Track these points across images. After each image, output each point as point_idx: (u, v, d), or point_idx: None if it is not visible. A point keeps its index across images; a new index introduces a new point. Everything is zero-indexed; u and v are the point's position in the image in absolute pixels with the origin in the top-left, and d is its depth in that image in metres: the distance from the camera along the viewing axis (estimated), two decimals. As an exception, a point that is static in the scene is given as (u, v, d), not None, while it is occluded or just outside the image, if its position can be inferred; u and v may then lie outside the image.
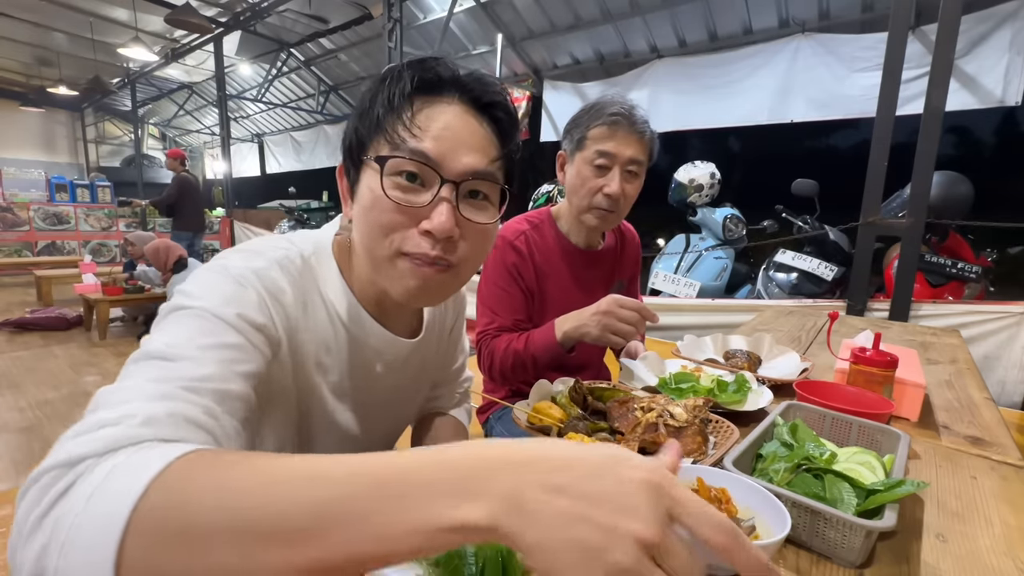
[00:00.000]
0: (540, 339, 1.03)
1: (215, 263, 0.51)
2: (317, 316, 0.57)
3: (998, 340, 2.18)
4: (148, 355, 0.40)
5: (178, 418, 0.36)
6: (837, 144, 5.64)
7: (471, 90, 0.54)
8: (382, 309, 0.62)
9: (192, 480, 0.29)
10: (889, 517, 0.51)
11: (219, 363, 0.42)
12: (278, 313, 0.51)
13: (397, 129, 0.51)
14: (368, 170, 0.53)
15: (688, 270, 3.59)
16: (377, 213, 0.51)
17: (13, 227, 7.42)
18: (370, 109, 0.52)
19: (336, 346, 0.59)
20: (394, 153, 0.50)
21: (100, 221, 8.19)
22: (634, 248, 1.34)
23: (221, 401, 0.40)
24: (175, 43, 7.07)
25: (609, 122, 1.05)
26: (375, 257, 0.54)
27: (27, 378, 3.22)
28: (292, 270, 0.55)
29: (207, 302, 0.45)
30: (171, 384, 0.38)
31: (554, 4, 4.98)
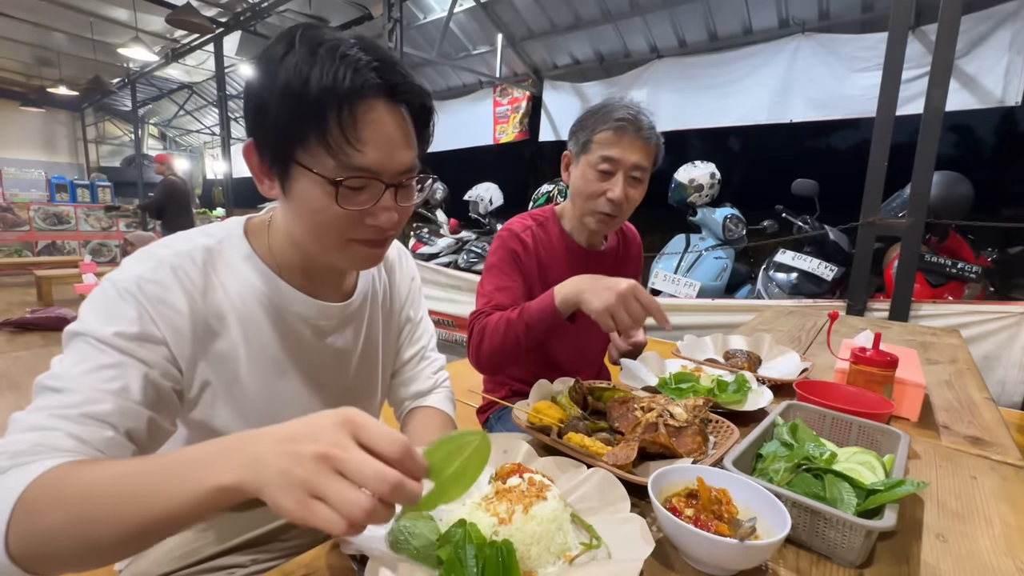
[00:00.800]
0: (535, 305, 0.96)
1: (109, 275, 0.57)
2: (223, 298, 0.61)
3: (998, 340, 2.18)
4: (42, 386, 0.50)
5: (40, 447, 0.46)
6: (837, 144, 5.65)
7: (397, 91, 0.55)
8: (307, 279, 0.67)
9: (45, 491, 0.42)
10: (889, 517, 0.51)
11: (89, 388, 0.50)
12: (160, 314, 0.56)
13: (339, 144, 0.52)
14: (302, 174, 0.54)
15: (688, 270, 3.59)
16: (326, 216, 0.56)
17: (13, 227, 7.42)
18: (301, 95, 0.51)
19: (255, 317, 0.63)
20: (343, 172, 0.53)
21: (100, 221, 8.19)
22: (636, 248, 1.34)
23: (87, 421, 0.49)
24: (175, 43, 7.07)
25: (615, 127, 1.04)
26: (325, 244, 0.60)
27: (27, 378, 3.22)
28: (185, 265, 0.59)
29: (89, 326, 0.53)
30: (44, 413, 0.48)
31: (554, 4, 4.98)
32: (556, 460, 0.65)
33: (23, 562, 0.41)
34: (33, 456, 0.45)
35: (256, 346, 0.64)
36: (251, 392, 0.64)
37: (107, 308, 0.54)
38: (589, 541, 0.51)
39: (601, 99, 1.13)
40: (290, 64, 0.51)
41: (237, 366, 0.63)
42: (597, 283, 0.88)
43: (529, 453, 0.67)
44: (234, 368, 0.63)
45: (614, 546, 0.50)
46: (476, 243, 4.69)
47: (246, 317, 0.63)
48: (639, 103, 1.09)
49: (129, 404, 0.52)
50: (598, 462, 0.66)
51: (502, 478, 0.58)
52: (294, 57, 0.51)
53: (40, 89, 9.13)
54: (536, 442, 0.75)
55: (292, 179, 0.56)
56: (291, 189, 0.56)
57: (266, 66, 0.53)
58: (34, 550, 0.41)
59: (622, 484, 0.58)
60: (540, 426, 0.76)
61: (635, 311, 0.83)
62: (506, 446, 0.69)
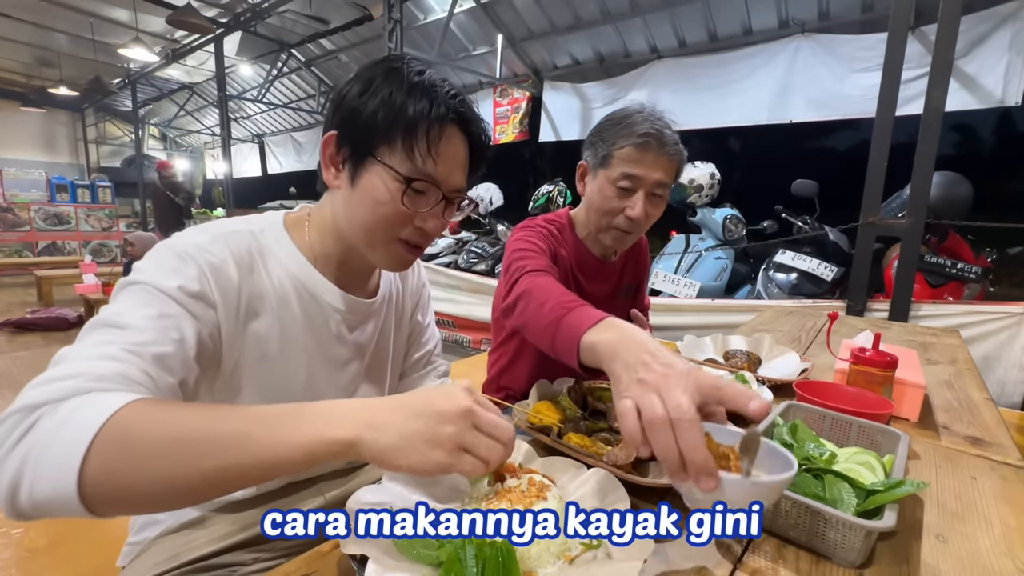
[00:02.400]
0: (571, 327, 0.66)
1: (167, 241, 0.60)
2: (265, 279, 0.65)
3: (998, 340, 2.18)
4: (102, 322, 0.49)
5: (121, 376, 0.45)
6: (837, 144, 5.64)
7: (470, 125, 0.67)
8: (340, 274, 0.72)
9: (141, 415, 0.41)
10: (889, 517, 0.51)
11: (157, 331, 0.51)
12: (215, 281, 0.59)
13: (420, 151, 0.62)
14: (379, 169, 0.63)
15: (688, 270, 3.59)
16: (388, 210, 0.64)
17: (14, 227, 7.42)
18: (399, 110, 0.61)
19: (291, 303, 0.67)
20: (416, 175, 0.63)
21: (101, 221, 8.19)
22: (643, 255, 1.32)
23: (157, 363, 0.49)
24: (176, 44, 7.07)
25: (638, 144, 0.97)
26: (373, 238, 0.66)
27: (28, 378, 3.20)
28: (237, 242, 0.63)
29: (152, 277, 0.54)
30: (116, 347, 0.47)
31: (554, 4, 4.98)
32: (556, 460, 0.65)
33: (92, 496, 0.38)
34: (116, 384, 0.44)
35: (287, 330, 0.67)
36: (275, 374, 0.67)
37: (169, 264, 0.56)
38: (589, 541, 0.51)
39: (601, 100, 1.11)
40: (393, 82, 0.62)
41: (267, 347, 0.66)
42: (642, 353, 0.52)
43: (529, 453, 0.67)
44: (264, 348, 0.65)
45: (614, 546, 0.50)
46: (476, 243, 4.69)
47: (283, 301, 0.66)
48: (661, 113, 1.02)
49: (186, 355, 0.53)
50: (598, 462, 0.66)
51: (498, 478, 0.58)
52: (397, 78, 0.62)
53: (40, 89, 9.14)
54: (536, 442, 0.75)
55: (366, 171, 0.63)
56: (361, 179, 0.64)
57: (369, 80, 0.63)
58: (110, 483, 0.39)
59: (622, 484, 0.58)
60: (540, 426, 0.76)
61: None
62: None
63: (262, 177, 11.34)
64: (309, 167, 9.76)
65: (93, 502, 0.39)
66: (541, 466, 0.65)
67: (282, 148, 10.50)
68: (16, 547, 0.87)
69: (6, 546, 0.86)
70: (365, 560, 0.45)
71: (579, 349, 0.63)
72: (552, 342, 0.70)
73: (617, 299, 1.25)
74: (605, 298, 1.23)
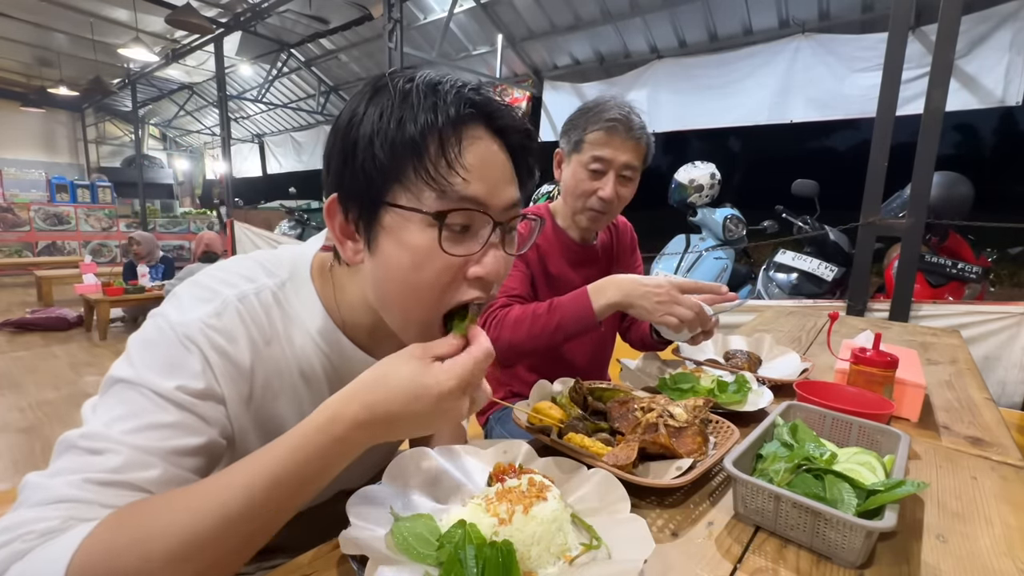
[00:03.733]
0: (571, 308, 0.94)
1: (164, 313, 0.50)
2: (287, 351, 0.55)
3: (998, 340, 2.18)
4: (71, 444, 0.42)
5: (72, 520, 0.39)
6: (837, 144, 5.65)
7: (496, 118, 0.50)
8: (372, 339, 0.60)
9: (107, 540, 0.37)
10: (889, 517, 0.51)
11: (137, 451, 0.43)
12: (223, 368, 0.50)
13: (444, 172, 0.46)
14: (395, 218, 0.47)
15: (688, 270, 3.59)
16: (428, 274, 0.48)
17: (13, 227, 7.43)
18: (396, 133, 0.46)
19: (315, 374, 0.57)
20: (448, 204, 0.46)
21: (100, 221, 8.20)
22: (629, 239, 1.36)
23: (128, 489, 0.42)
24: (176, 44, 7.07)
25: (606, 128, 1.06)
26: (413, 319, 0.51)
27: (28, 378, 3.22)
28: (252, 308, 0.52)
29: (146, 375, 0.46)
30: (79, 477, 0.40)
31: (554, 4, 4.98)
32: (556, 460, 0.65)
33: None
34: (64, 532, 0.38)
35: (307, 407, 0.56)
36: None
37: (166, 356, 0.47)
38: (589, 542, 0.51)
39: None
40: (382, 101, 0.47)
41: (284, 425, 0.55)
42: (638, 287, 0.90)
43: (529, 453, 0.67)
44: (280, 427, 0.54)
45: (614, 547, 0.50)
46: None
47: (306, 374, 0.57)
48: (630, 102, 1.10)
49: (178, 470, 0.45)
50: (598, 462, 0.66)
51: (498, 477, 0.58)
52: (385, 94, 0.48)
53: (40, 89, 9.14)
54: (536, 442, 0.75)
55: (382, 228, 0.48)
56: (378, 243, 0.49)
57: (353, 111, 0.49)
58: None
59: (622, 485, 0.58)
60: (540, 426, 0.75)
61: (686, 305, 0.88)
62: (506, 446, 0.69)
63: (262, 177, 11.34)
64: (309, 167, 9.76)
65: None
66: (541, 466, 0.65)
67: (282, 148, 10.50)
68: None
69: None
70: (365, 560, 0.45)
71: (597, 316, 0.93)
72: (565, 335, 0.95)
73: None
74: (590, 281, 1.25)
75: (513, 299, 1.07)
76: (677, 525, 0.60)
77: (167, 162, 12.64)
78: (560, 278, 1.20)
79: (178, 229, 9.09)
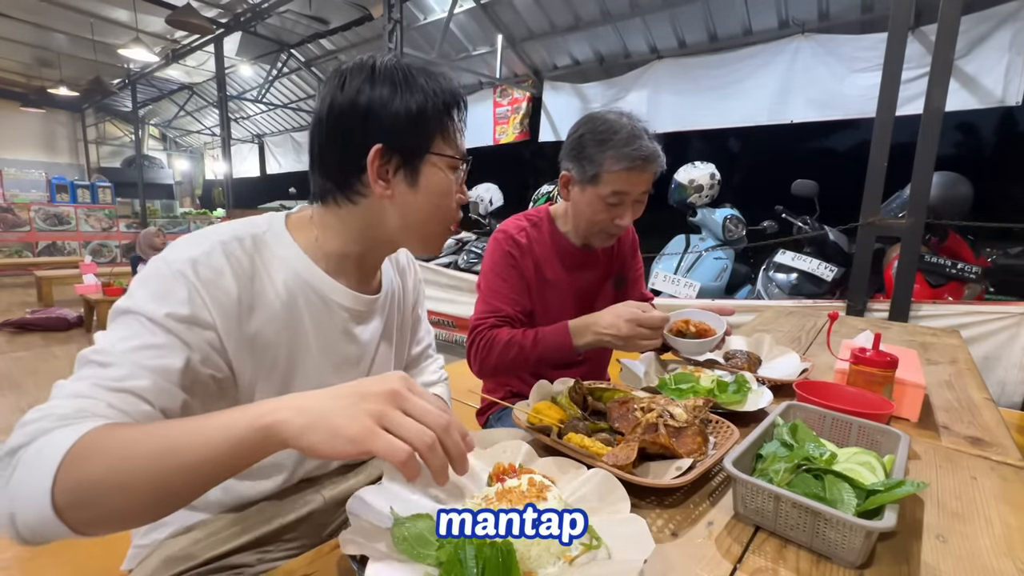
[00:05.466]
0: (552, 341, 1.03)
1: (162, 254, 0.59)
2: (268, 285, 0.64)
3: (998, 340, 2.18)
4: (84, 358, 0.52)
5: (83, 412, 0.48)
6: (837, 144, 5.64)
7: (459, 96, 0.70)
8: (349, 272, 0.72)
9: (93, 441, 0.44)
10: (889, 517, 0.51)
11: (133, 364, 0.52)
12: (211, 297, 0.58)
13: (456, 136, 0.68)
14: (433, 163, 0.67)
15: (688, 270, 3.59)
16: (450, 199, 0.69)
17: (14, 228, 7.43)
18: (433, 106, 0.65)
19: (297, 305, 0.67)
20: (464, 156, 0.70)
21: (101, 222, 8.20)
22: (630, 241, 1.34)
23: (128, 395, 0.50)
24: (176, 44, 7.07)
25: (627, 167, 1.02)
26: (435, 232, 0.71)
27: (28, 379, 3.22)
28: (235, 249, 0.62)
29: (140, 303, 0.55)
30: (87, 383, 0.50)
31: (554, 5, 4.98)
32: (556, 460, 0.65)
33: (69, 517, 0.42)
34: (76, 419, 0.46)
35: (296, 333, 0.67)
36: (288, 378, 0.67)
37: (159, 287, 0.56)
38: (589, 542, 0.51)
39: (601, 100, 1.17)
40: (415, 82, 0.64)
41: (277, 352, 0.65)
42: (600, 325, 0.99)
43: (529, 453, 0.67)
44: (275, 355, 0.65)
45: (614, 546, 0.50)
46: (476, 243, 4.70)
47: (288, 305, 0.65)
48: (644, 125, 1.06)
49: (167, 384, 0.53)
50: (598, 463, 0.66)
51: (498, 477, 0.58)
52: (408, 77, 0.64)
53: (40, 90, 9.15)
54: (536, 442, 0.75)
55: (424, 169, 0.66)
56: (421, 179, 0.66)
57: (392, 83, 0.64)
58: (78, 503, 0.42)
59: (622, 485, 0.58)
60: (540, 427, 0.76)
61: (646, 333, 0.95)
62: (506, 446, 0.69)
63: (262, 177, 11.34)
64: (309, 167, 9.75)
65: (75, 524, 0.43)
66: (541, 466, 0.65)
67: (282, 148, 10.51)
68: (20, 548, 0.87)
69: (8, 546, 0.86)
70: (365, 560, 0.45)
71: (577, 351, 1.03)
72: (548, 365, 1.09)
73: (609, 287, 1.27)
74: (596, 286, 1.25)
75: (502, 320, 1.10)
76: (677, 525, 0.60)
77: (167, 162, 12.64)
78: (557, 284, 1.19)
79: (178, 229, 9.10)
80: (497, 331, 1.08)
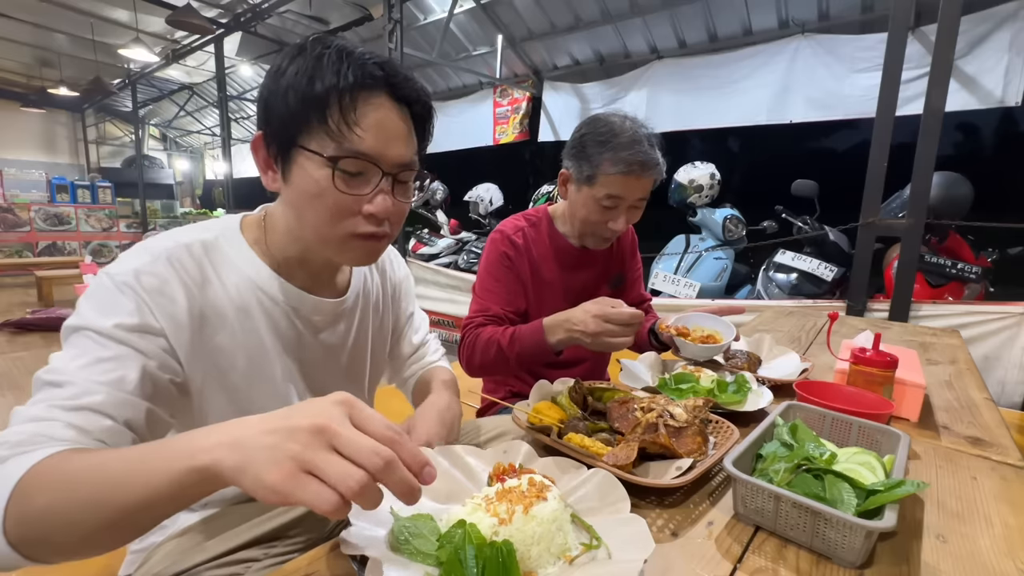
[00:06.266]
0: (528, 338, 1.01)
1: (106, 269, 0.58)
2: (220, 292, 0.63)
3: (998, 340, 2.18)
4: (39, 380, 0.51)
5: (40, 437, 0.46)
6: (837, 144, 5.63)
7: (398, 88, 0.60)
8: (304, 275, 0.69)
9: (41, 474, 0.43)
10: (889, 517, 0.51)
11: (87, 380, 0.51)
12: (159, 306, 0.57)
13: (339, 127, 0.56)
14: (303, 158, 0.58)
15: (688, 270, 3.59)
16: (325, 201, 0.59)
17: (14, 228, 7.43)
18: (306, 88, 0.56)
19: (251, 311, 0.65)
20: (341, 153, 0.57)
21: (101, 222, 8.20)
22: (629, 241, 1.35)
23: (86, 412, 0.50)
24: (176, 44, 7.07)
25: (623, 171, 1.02)
26: (326, 238, 0.62)
27: (28, 379, 3.21)
28: (183, 258, 0.61)
29: (89, 319, 0.54)
30: (43, 406, 0.49)
31: (554, 5, 4.98)
32: (556, 460, 0.65)
33: (21, 548, 0.42)
34: (32, 445, 0.45)
35: (251, 340, 0.65)
36: (244, 385, 0.66)
37: (105, 301, 0.55)
38: (589, 541, 0.51)
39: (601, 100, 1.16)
40: (300, 61, 0.57)
41: (233, 359, 0.64)
42: (571, 323, 0.94)
43: (529, 453, 0.67)
44: (230, 361, 0.64)
45: (614, 546, 0.50)
46: (476, 244, 4.70)
47: (242, 310, 0.64)
48: (648, 131, 1.05)
49: (124, 395, 0.52)
50: (598, 462, 0.66)
51: (498, 477, 0.58)
52: (305, 56, 0.57)
53: (41, 90, 9.14)
54: (536, 442, 0.75)
55: (294, 164, 0.59)
56: (291, 174, 0.60)
57: (278, 66, 0.59)
58: (27, 534, 0.42)
59: (622, 484, 0.58)
60: (540, 426, 0.76)
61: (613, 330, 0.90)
62: (506, 446, 0.69)
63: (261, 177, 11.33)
64: (309, 167, 9.74)
65: (30, 555, 0.42)
66: (541, 466, 0.65)
67: (282, 148, 10.49)
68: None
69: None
70: (365, 560, 0.45)
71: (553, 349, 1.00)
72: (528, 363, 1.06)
73: (607, 288, 1.27)
74: (594, 287, 1.25)
75: (490, 319, 1.11)
76: (677, 525, 0.60)
77: (167, 162, 12.63)
78: (555, 284, 1.20)
79: (178, 229, 9.08)
80: (482, 330, 1.08)
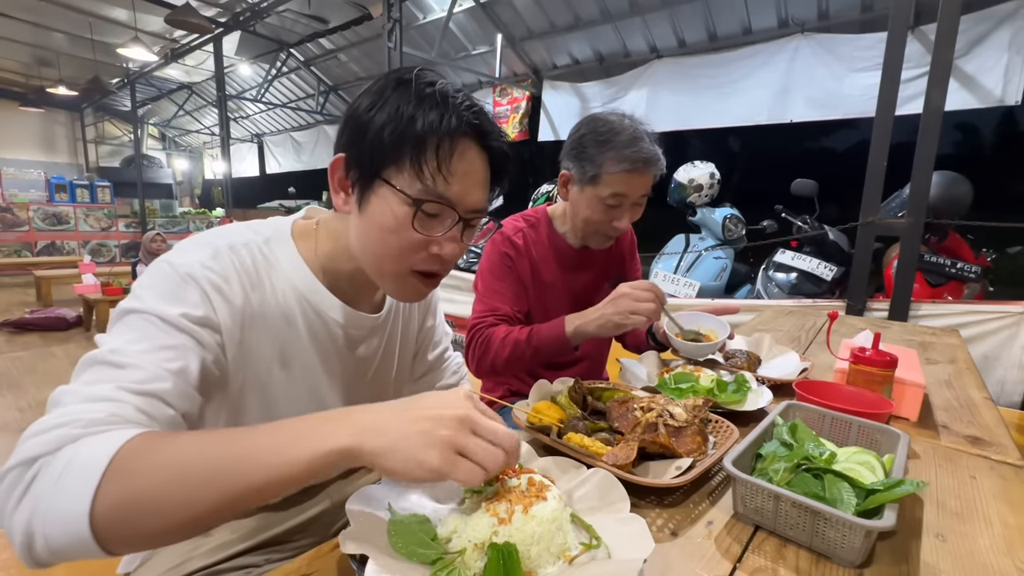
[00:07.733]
0: (547, 333, 1.03)
1: (166, 257, 0.57)
2: (269, 295, 0.63)
3: (997, 340, 2.18)
4: (98, 359, 0.48)
5: (114, 417, 0.44)
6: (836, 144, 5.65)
7: (489, 138, 0.61)
8: (348, 289, 0.69)
9: (140, 452, 0.41)
10: (889, 517, 0.51)
11: (154, 365, 0.49)
12: (219, 302, 0.57)
13: (432, 172, 0.57)
14: (387, 190, 0.58)
15: (688, 270, 3.59)
16: (398, 238, 0.59)
17: (13, 227, 7.42)
18: (406, 127, 0.56)
19: (295, 319, 0.65)
20: (426, 196, 0.58)
21: (100, 221, 8.19)
22: (628, 242, 1.35)
23: (154, 399, 0.48)
24: (175, 43, 7.06)
25: (627, 169, 1.02)
26: (386, 270, 0.63)
27: (27, 379, 3.22)
28: (241, 256, 0.61)
29: (152, 304, 0.52)
30: (110, 386, 0.46)
31: (554, 4, 4.97)
32: (556, 460, 0.65)
33: (105, 535, 0.39)
34: (107, 425, 0.43)
35: (291, 347, 0.65)
36: (279, 391, 0.66)
37: (170, 289, 0.54)
38: (589, 541, 0.51)
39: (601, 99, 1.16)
40: (403, 95, 0.57)
41: (272, 364, 0.64)
42: (598, 308, 0.99)
43: (529, 453, 0.67)
44: (269, 366, 0.64)
45: (614, 546, 0.50)
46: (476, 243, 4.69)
47: (286, 317, 0.64)
48: (646, 128, 1.06)
49: (186, 387, 0.52)
50: (598, 462, 0.66)
51: (498, 477, 0.58)
52: (407, 90, 0.58)
53: (39, 89, 9.12)
54: (536, 442, 0.75)
55: (373, 194, 0.59)
56: (369, 204, 0.60)
57: (378, 94, 0.59)
58: (121, 520, 0.39)
59: (622, 484, 0.58)
60: (540, 426, 0.75)
61: (642, 295, 0.95)
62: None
63: (261, 177, 11.33)
64: (308, 167, 9.75)
65: (109, 543, 0.39)
66: (541, 466, 0.65)
67: (281, 148, 10.49)
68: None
69: (5, 547, 0.86)
70: (365, 560, 0.45)
71: (570, 340, 1.02)
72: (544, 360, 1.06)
73: (606, 289, 1.27)
74: (593, 287, 1.25)
75: (500, 319, 1.11)
76: (677, 524, 0.60)
77: (166, 162, 12.62)
78: (555, 285, 1.20)
79: (177, 229, 9.08)
80: (494, 329, 1.08)
